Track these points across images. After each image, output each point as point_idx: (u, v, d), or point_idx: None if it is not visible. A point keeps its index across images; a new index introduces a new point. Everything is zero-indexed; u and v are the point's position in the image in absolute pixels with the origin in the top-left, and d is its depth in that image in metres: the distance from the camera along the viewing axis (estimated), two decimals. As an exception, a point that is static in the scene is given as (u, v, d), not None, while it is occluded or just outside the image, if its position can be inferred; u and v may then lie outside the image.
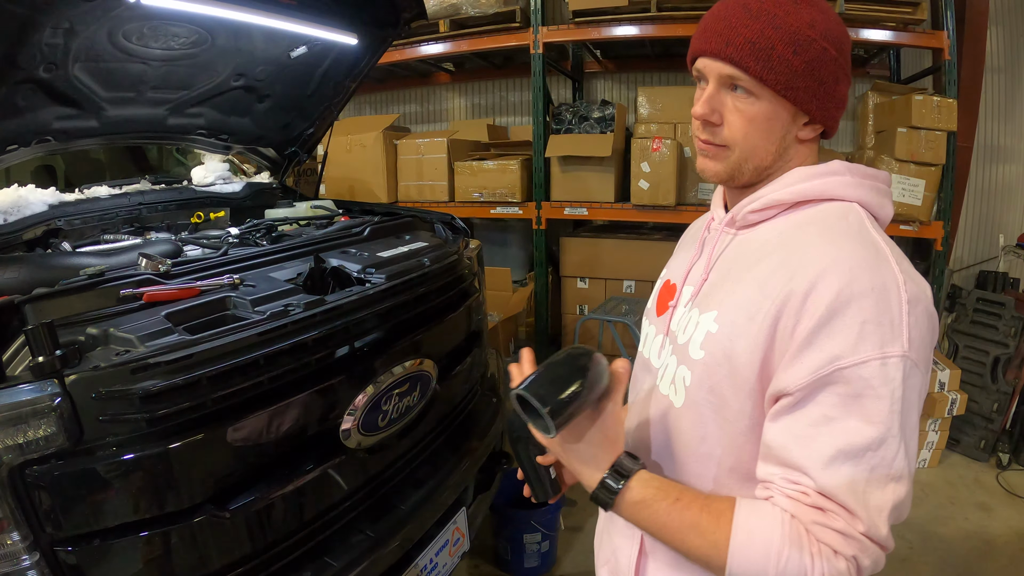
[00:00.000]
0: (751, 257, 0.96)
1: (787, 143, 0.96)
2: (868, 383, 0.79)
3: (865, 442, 0.79)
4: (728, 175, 0.98)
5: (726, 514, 0.86)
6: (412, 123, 6.35)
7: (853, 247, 0.85)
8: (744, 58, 0.89)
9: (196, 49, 2.26)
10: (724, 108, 0.94)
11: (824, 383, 0.80)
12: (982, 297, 3.99)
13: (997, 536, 3.06)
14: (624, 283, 4.61)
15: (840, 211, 0.93)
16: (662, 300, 1.15)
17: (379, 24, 2.59)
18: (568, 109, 4.61)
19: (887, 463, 0.79)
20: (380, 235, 2.18)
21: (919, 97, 3.71)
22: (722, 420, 0.93)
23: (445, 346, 2.03)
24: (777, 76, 0.89)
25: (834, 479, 0.80)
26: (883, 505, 0.80)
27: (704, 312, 0.97)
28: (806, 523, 0.82)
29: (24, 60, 1.84)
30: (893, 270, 0.83)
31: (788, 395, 0.83)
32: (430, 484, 1.86)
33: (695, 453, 0.97)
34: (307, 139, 3.06)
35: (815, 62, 0.90)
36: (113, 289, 1.47)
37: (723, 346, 0.91)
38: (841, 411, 0.80)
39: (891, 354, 0.79)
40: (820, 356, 0.80)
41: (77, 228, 2.22)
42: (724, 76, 0.93)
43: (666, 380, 1.03)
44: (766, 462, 0.88)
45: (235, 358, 1.33)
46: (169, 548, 1.26)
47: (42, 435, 1.12)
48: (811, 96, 0.91)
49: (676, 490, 0.91)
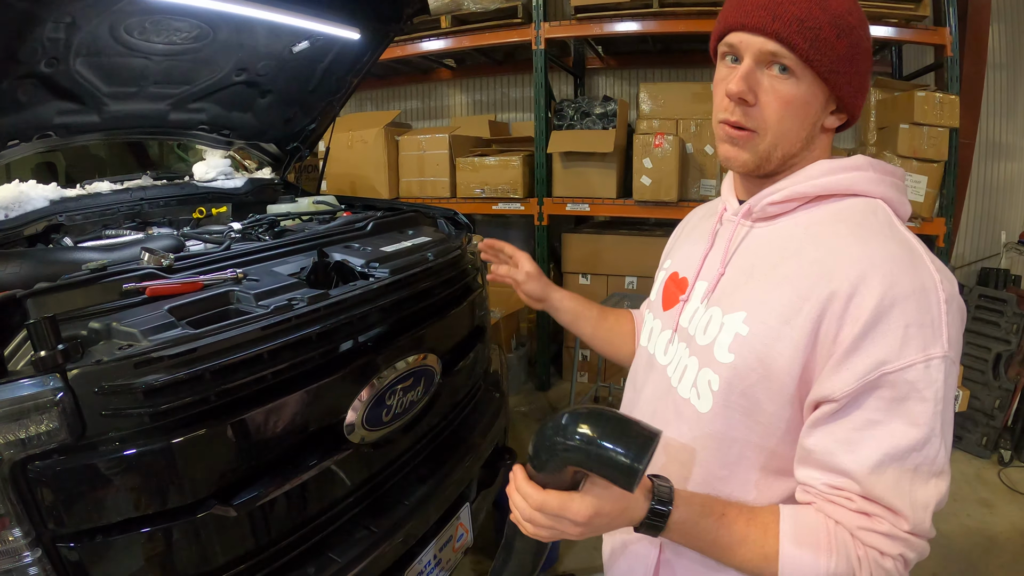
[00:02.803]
0: (776, 254, 0.94)
1: (815, 131, 0.94)
2: (913, 386, 0.79)
3: (910, 444, 0.79)
4: (756, 164, 0.95)
5: (772, 526, 0.86)
6: (413, 119, 6.34)
7: (890, 247, 0.84)
8: (792, 35, 0.86)
9: (198, 44, 2.25)
10: (760, 88, 0.90)
11: (870, 388, 0.80)
12: (984, 294, 3.98)
13: (999, 533, 3.05)
14: (626, 279, 4.60)
15: (867, 208, 0.91)
16: (669, 293, 1.12)
17: (381, 19, 2.58)
18: (570, 105, 4.60)
19: (930, 460, 0.80)
20: (383, 230, 2.17)
21: (921, 93, 3.70)
22: (754, 424, 0.92)
23: (449, 341, 2.02)
24: (823, 58, 0.87)
25: (880, 483, 0.81)
26: (928, 501, 0.81)
27: (729, 312, 0.95)
28: (851, 528, 0.83)
29: (25, 55, 1.82)
30: (929, 269, 0.83)
31: (832, 401, 0.83)
32: (434, 480, 1.86)
33: (724, 456, 0.96)
34: (309, 135, 3.05)
35: (855, 48, 0.89)
36: (116, 283, 1.45)
37: (756, 350, 0.89)
38: (885, 415, 0.80)
39: (934, 355, 0.79)
40: (866, 362, 0.80)
41: (78, 224, 2.21)
42: (765, 53, 0.89)
43: (686, 383, 1.00)
44: (806, 466, 0.88)
45: (239, 352, 1.32)
46: (172, 544, 1.25)
47: (44, 430, 1.11)
48: (847, 82, 0.90)
49: (720, 505, 0.90)
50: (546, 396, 4.66)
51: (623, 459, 0.79)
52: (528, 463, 0.90)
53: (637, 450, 0.79)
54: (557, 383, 4.88)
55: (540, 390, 4.75)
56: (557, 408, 4.39)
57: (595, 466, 0.82)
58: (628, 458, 0.79)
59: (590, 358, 4.68)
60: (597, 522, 0.86)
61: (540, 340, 4.72)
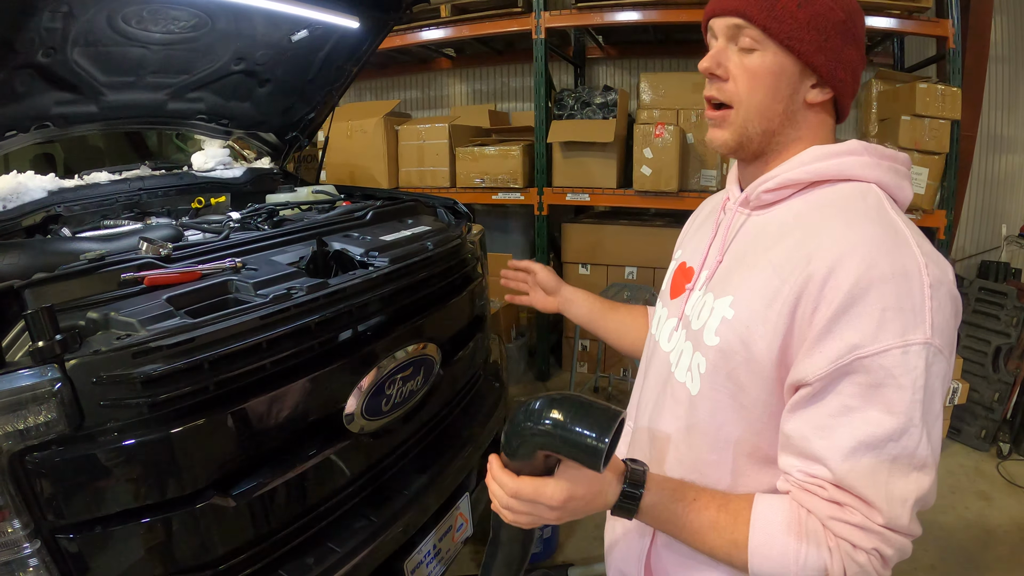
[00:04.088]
0: (767, 239, 0.93)
1: (795, 106, 0.93)
2: (889, 372, 0.77)
3: (886, 432, 0.77)
4: (736, 142, 0.96)
5: (743, 513, 0.86)
6: (413, 109, 6.32)
7: (872, 229, 0.82)
8: (749, 7, 0.89)
9: (196, 33, 2.23)
10: (730, 63, 0.94)
11: (844, 372, 0.78)
12: (984, 287, 3.98)
13: (997, 526, 3.06)
14: (626, 269, 4.59)
15: (858, 192, 0.90)
16: (677, 282, 1.13)
17: (381, 8, 2.56)
18: (570, 95, 4.58)
19: (909, 452, 0.78)
20: (383, 219, 2.16)
21: (923, 85, 3.69)
22: (739, 407, 0.92)
23: (448, 330, 2.01)
24: (781, 25, 0.88)
25: (853, 471, 0.79)
26: (906, 495, 0.78)
27: (719, 297, 0.95)
28: (823, 518, 0.81)
29: (22, 45, 1.81)
30: (914, 252, 0.80)
31: (807, 385, 0.82)
32: (433, 469, 1.86)
33: (713, 441, 0.96)
34: (308, 124, 3.03)
35: (820, 17, 0.88)
36: (114, 273, 1.45)
37: (739, 332, 0.89)
38: (861, 401, 0.78)
39: (913, 341, 0.77)
40: (839, 345, 0.78)
41: (76, 214, 2.20)
42: (730, 27, 0.92)
43: (682, 367, 1.01)
44: (785, 452, 0.87)
45: (237, 342, 1.32)
46: (171, 535, 1.25)
47: (42, 421, 1.10)
48: (816, 49, 0.89)
49: (693, 491, 0.90)
50: (546, 386, 4.67)
51: (589, 440, 0.81)
52: (501, 451, 0.92)
53: (600, 430, 0.81)
54: (557, 373, 4.89)
55: (540, 380, 4.75)
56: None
57: (563, 448, 0.84)
58: (593, 439, 0.81)
59: (589, 348, 4.68)
60: (572, 505, 0.87)
61: (540, 330, 4.72)
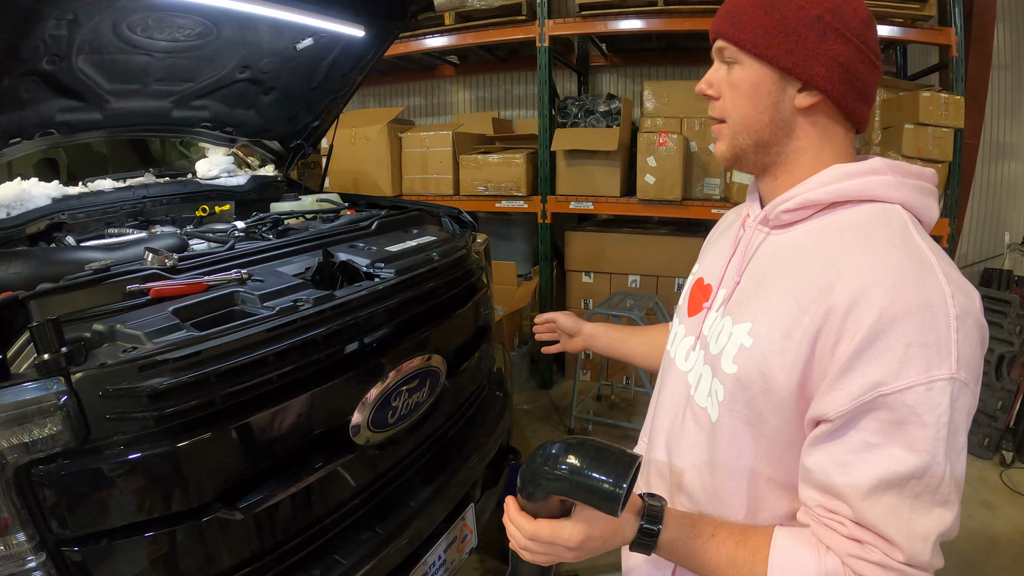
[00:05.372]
0: (785, 263, 0.91)
1: (783, 114, 0.92)
2: (912, 410, 0.74)
3: (908, 471, 0.75)
4: (732, 154, 0.98)
5: (762, 550, 0.85)
6: (416, 116, 6.32)
7: (896, 258, 0.79)
8: (723, 26, 0.94)
9: (201, 41, 2.23)
10: (720, 81, 0.97)
11: (866, 409, 0.76)
12: (987, 295, 3.97)
13: (1000, 534, 3.05)
14: (629, 278, 4.59)
15: (881, 215, 0.86)
16: (695, 299, 1.11)
17: (386, 16, 2.56)
18: (574, 103, 4.58)
19: (932, 489, 0.75)
20: (388, 229, 2.16)
21: (926, 94, 3.68)
22: (758, 435, 0.90)
23: (454, 341, 2.01)
24: (747, 35, 0.90)
25: (874, 509, 0.77)
26: (928, 532, 0.76)
27: (738, 323, 0.93)
28: (842, 555, 0.80)
29: (27, 52, 1.81)
30: (940, 283, 0.77)
31: (828, 421, 0.79)
32: (439, 480, 1.85)
33: (733, 468, 0.94)
34: (312, 132, 3.03)
35: (788, 18, 0.88)
36: (119, 284, 1.44)
37: (757, 362, 0.87)
38: (883, 438, 0.76)
39: (937, 377, 0.74)
40: (862, 382, 0.76)
41: (81, 222, 2.19)
42: (716, 50, 0.97)
43: (702, 391, 0.99)
44: (806, 485, 0.86)
45: (244, 355, 1.31)
46: (177, 548, 1.24)
47: (48, 434, 1.10)
48: (786, 52, 0.88)
49: (711, 526, 0.89)
50: (549, 394, 4.66)
51: (606, 486, 0.81)
52: (518, 494, 0.92)
53: (617, 476, 0.81)
54: (560, 381, 4.88)
55: (543, 388, 4.74)
56: (559, 407, 4.39)
57: (580, 494, 0.84)
58: (610, 484, 0.81)
59: (592, 357, 4.67)
60: (590, 545, 0.88)
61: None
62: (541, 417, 4.28)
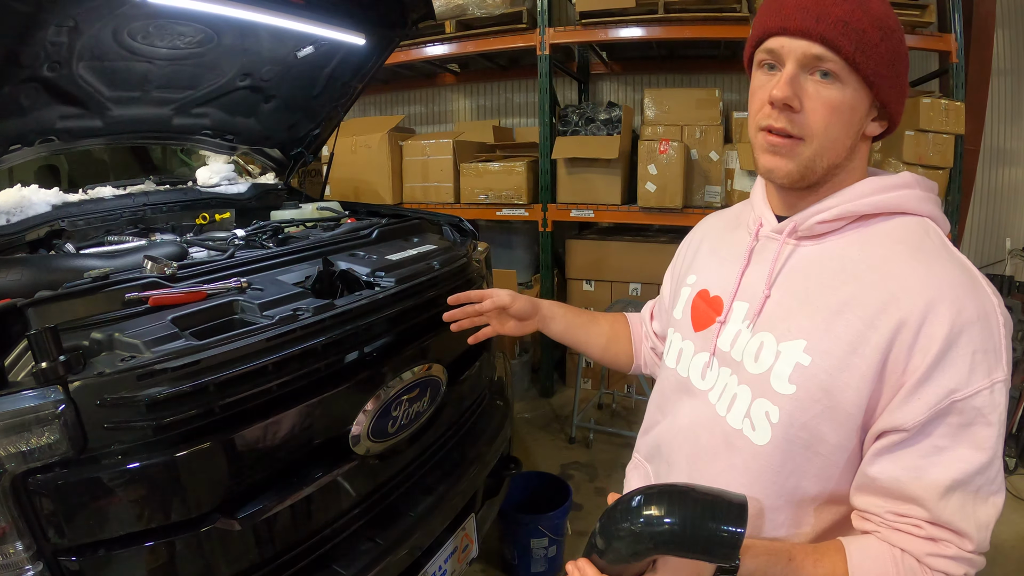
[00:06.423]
0: (830, 276, 0.90)
1: (858, 139, 0.92)
2: (980, 412, 0.79)
3: (976, 468, 0.80)
4: (800, 174, 0.91)
5: (840, 565, 0.86)
6: (417, 124, 6.32)
7: (952, 271, 0.84)
8: (837, 37, 0.83)
9: (202, 48, 2.23)
10: (804, 94, 0.87)
11: (939, 415, 0.80)
12: (990, 301, 3.95)
13: (1004, 541, 3.03)
14: (630, 286, 4.58)
15: (920, 228, 0.90)
16: (700, 313, 1.08)
17: (387, 24, 2.56)
18: (574, 111, 4.58)
19: (991, 480, 0.81)
20: (388, 237, 2.15)
21: (927, 100, 3.69)
22: (813, 455, 0.90)
23: (455, 350, 2.00)
24: (868, 60, 0.85)
25: (948, 508, 0.81)
26: (989, 519, 0.82)
27: (785, 340, 0.91)
28: (919, 555, 0.83)
29: (28, 59, 1.81)
30: (988, 293, 0.83)
31: (902, 431, 0.82)
32: (439, 490, 1.83)
33: (780, 487, 0.93)
34: (313, 140, 3.04)
35: (896, 52, 0.87)
36: (118, 292, 1.44)
37: (820, 380, 0.86)
38: (951, 441, 0.80)
39: (997, 380, 0.80)
40: (938, 391, 0.80)
41: (81, 229, 2.19)
42: (810, 56, 0.86)
43: (737, 413, 0.96)
44: (867, 493, 0.87)
45: (243, 364, 1.30)
46: (176, 558, 1.23)
47: (45, 443, 1.09)
48: (890, 86, 0.88)
49: (785, 550, 0.88)
50: (550, 403, 4.64)
51: (724, 534, 0.78)
52: (595, 555, 0.88)
53: (734, 520, 0.79)
54: (561, 389, 4.86)
55: (544, 396, 4.72)
56: (560, 415, 4.37)
57: (690, 547, 0.80)
58: (729, 532, 0.78)
59: (594, 365, 4.66)
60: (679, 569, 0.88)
61: (544, 346, 4.69)
62: (542, 426, 4.26)
